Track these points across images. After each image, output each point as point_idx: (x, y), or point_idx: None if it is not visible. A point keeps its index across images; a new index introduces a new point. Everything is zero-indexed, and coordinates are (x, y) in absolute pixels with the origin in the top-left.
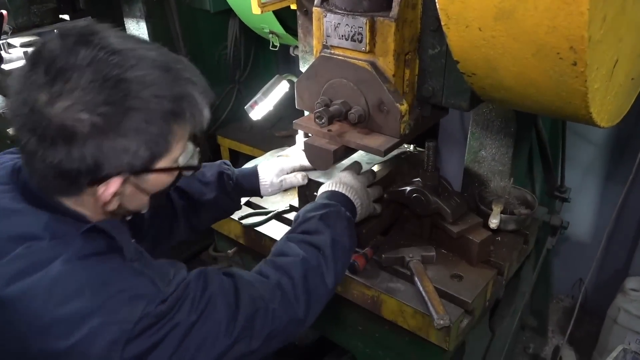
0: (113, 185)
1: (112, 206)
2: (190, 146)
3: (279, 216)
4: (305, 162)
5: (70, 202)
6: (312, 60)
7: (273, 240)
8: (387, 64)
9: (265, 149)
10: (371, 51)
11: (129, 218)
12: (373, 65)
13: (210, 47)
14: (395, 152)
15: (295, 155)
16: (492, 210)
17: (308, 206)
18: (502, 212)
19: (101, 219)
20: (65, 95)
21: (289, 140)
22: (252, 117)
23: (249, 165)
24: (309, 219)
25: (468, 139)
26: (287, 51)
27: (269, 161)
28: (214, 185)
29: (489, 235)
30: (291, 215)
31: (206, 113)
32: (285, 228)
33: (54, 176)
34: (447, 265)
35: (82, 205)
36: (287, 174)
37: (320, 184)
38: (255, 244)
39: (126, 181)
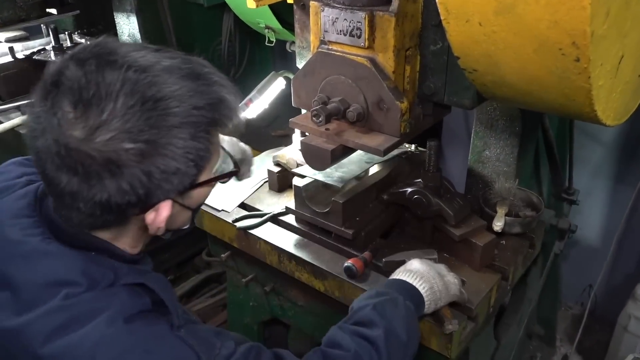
0: (164, 209)
1: (161, 231)
2: (222, 150)
3: (275, 218)
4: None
5: (107, 235)
6: (309, 56)
7: (268, 244)
8: (387, 60)
9: (260, 149)
10: (370, 47)
11: (168, 237)
12: (372, 61)
13: (203, 42)
14: (395, 152)
15: (292, 153)
16: (496, 212)
17: (363, 295)
18: (506, 215)
19: (136, 248)
20: (105, 127)
21: (285, 140)
22: (246, 116)
23: None
24: (362, 308)
25: (472, 139)
26: (283, 47)
27: None
28: None
29: (493, 239)
30: (287, 218)
31: (241, 114)
32: (281, 231)
33: (101, 213)
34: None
35: (122, 235)
36: None
37: (319, 182)
38: (249, 248)
39: (174, 202)
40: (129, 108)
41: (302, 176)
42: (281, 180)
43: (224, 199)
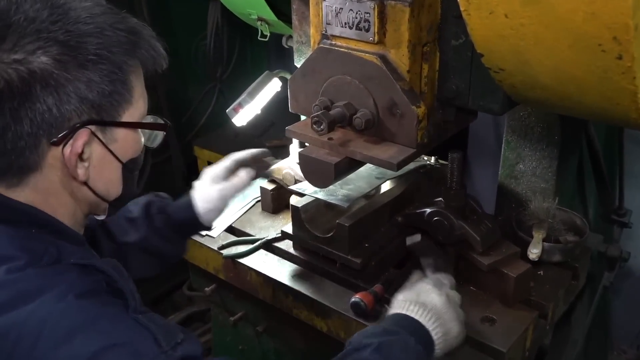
0: (81, 137)
1: (82, 174)
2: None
3: (269, 245)
4: (301, 178)
5: (29, 195)
6: (309, 53)
7: (261, 276)
8: (401, 58)
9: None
10: (381, 42)
11: (101, 218)
12: (383, 59)
13: (186, 37)
14: (411, 166)
15: (288, 168)
16: (532, 237)
17: (366, 330)
18: (544, 240)
19: (75, 223)
20: (11, 41)
21: (282, 151)
22: (235, 122)
23: None
24: (364, 347)
25: (502, 150)
26: (279, 42)
27: (207, 169)
28: (140, 221)
29: (529, 269)
30: (283, 244)
31: (163, 61)
32: (276, 260)
33: (11, 145)
34: (477, 305)
35: (48, 195)
36: (228, 175)
37: (320, 202)
38: (239, 280)
39: (93, 136)
40: (39, 19)
41: (301, 194)
42: (276, 200)
43: None
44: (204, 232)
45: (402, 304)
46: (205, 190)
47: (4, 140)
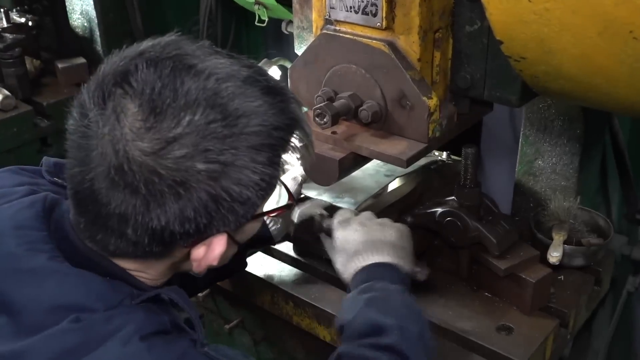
0: (218, 245)
1: (202, 269)
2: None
3: (267, 247)
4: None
5: (132, 266)
6: (311, 39)
7: (259, 280)
8: (411, 45)
9: None
10: (389, 28)
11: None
12: (392, 46)
13: (176, 22)
14: (422, 162)
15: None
16: (552, 239)
17: (344, 305)
18: (565, 243)
19: (157, 281)
20: (179, 141)
21: None
22: None
23: None
24: (355, 318)
25: (520, 145)
26: (278, 27)
27: None
28: None
29: (548, 274)
30: (283, 246)
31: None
32: (275, 263)
33: (149, 242)
34: (492, 313)
35: (150, 268)
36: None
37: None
38: (234, 285)
39: (229, 237)
40: (208, 123)
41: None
42: None
43: None
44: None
45: (342, 267)
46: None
47: (154, 239)
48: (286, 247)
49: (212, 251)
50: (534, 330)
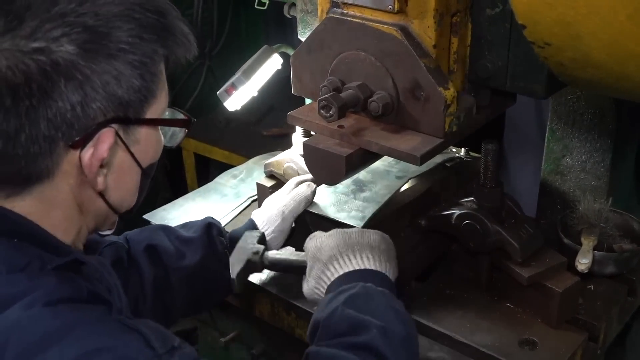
0: (105, 139)
1: (101, 183)
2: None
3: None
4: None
5: (32, 207)
6: (315, 24)
7: (259, 290)
8: (425, 30)
9: (247, 155)
10: (402, 11)
11: (109, 233)
12: (404, 31)
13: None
14: (437, 159)
15: (290, 162)
16: (581, 245)
17: (320, 305)
18: (595, 249)
19: (68, 235)
20: (31, 26)
21: (282, 142)
22: (228, 106)
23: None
24: (331, 315)
25: (546, 140)
26: (279, 11)
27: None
28: (199, 242)
29: (576, 283)
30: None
31: (194, 48)
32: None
33: (32, 152)
34: (515, 325)
35: (52, 206)
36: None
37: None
38: (231, 294)
39: (117, 138)
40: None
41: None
42: None
43: None
44: None
45: (315, 282)
46: (264, 211)
47: (15, 144)
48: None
49: (100, 145)
50: (560, 344)
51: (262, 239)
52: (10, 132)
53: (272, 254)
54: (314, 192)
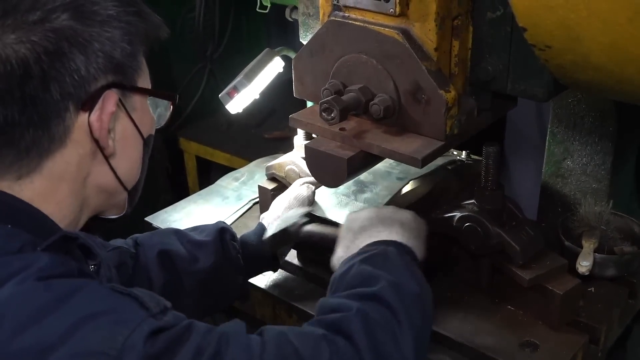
0: (110, 99)
1: (111, 146)
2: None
3: None
4: (309, 176)
5: (31, 188)
6: (317, 27)
7: (259, 291)
8: (427, 33)
9: (248, 158)
10: (403, 14)
11: (114, 217)
12: (406, 34)
13: (170, 8)
14: (439, 162)
15: (291, 164)
16: (582, 247)
17: (340, 264)
18: (596, 251)
19: (66, 218)
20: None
21: (284, 145)
22: (230, 109)
23: None
24: (347, 272)
25: (547, 143)
26: (281, 14)
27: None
28: (212, 246)
29: (577, 285)
30: (287, 255)
31: (165, 29)
32: (277, 272)
33: (29, 121)
34: (516, 328)
35: (52, 181)
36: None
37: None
38: None
39: (119, 102)
40: None
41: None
42: None
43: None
44: None
45: (342, 253)
46: (270, 213)
47: (30, 110)
48: (289, 255)
49: (105, 106)
50: (561, 346)
51: (308, 215)
52: (26, 99)
53: (310, 227)
54: (313, 193)
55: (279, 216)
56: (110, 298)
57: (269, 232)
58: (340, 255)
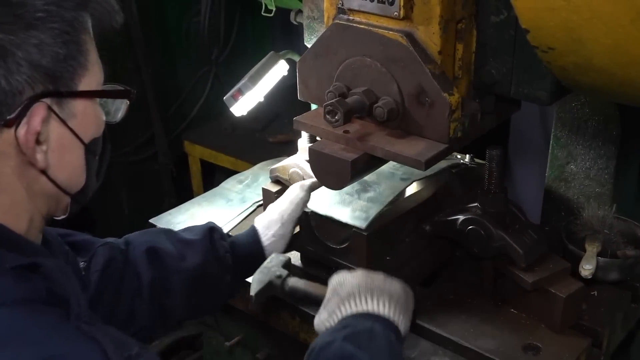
0: (37, 112)
1: (41, 160)
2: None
3: None
4: (311, 178)
5: None
6: (322, 30)
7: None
8: (431, 36)
9: (252, 161)
10: (407, 17)
11: (61, 217)
12: (410, 37)
13: (175, 12)
14: (442, 165)
15: (295, 167)
16: (585, 251)
17: (323, 333)
18: (599, 255)
19: (19, 222)
20: None
21: (288, 148)
22: (234, 112)
23: None
24: (329, 344)
25: (550, 147)
26: (286, 18)
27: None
28: (200, 245)
29: (580, 288)
30: (290, 256)
31: (119, 16)
32: None
33: None
34: (518, 331)
35: None
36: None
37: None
38: (235, 299)
39: (50, 112)
40: None
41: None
42: None
43: None
44: None
45: (327, 315)
46: (265, 216)
47: None
48: (293, 257)
49: (32, 119)
50: (563, 350)
51: (287, 264)
52: None
53: (294, 281)
54: (308, 192)
55: (273, 219)
56: (72, 340)
57: (254, 287)
58: (324, 317)
